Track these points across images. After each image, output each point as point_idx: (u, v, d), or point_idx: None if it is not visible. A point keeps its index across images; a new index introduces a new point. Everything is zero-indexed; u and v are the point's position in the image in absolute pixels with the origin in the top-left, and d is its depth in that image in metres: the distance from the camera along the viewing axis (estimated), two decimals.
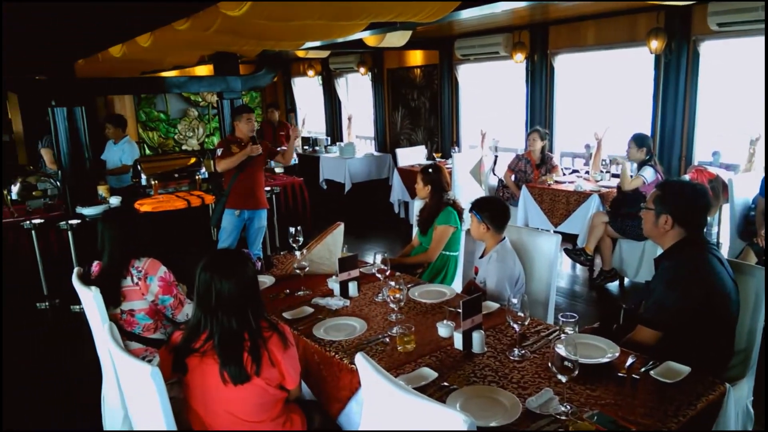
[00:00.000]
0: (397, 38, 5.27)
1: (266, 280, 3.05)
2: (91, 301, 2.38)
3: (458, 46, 7.09)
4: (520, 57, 6.45)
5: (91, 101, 8.72)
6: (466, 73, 7.49)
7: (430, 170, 3.52)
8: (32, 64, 4.94)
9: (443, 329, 2.28)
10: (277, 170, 6.82)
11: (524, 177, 5.83)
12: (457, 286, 3.48)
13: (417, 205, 3.88)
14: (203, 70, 8.72)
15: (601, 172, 5.53)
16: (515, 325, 2.09)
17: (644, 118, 5.69)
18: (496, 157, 6.67)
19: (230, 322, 1.90)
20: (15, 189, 5.14)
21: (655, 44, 5.21)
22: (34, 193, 5.19)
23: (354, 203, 8.19)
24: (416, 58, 8.18)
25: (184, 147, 10.00)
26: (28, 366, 3.97)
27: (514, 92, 7.00)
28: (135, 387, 1.94)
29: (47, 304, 4.85)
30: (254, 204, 4.79)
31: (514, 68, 6.71)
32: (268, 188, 5.86)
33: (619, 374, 1.92)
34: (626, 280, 5.00)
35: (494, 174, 6.55)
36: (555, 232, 4.94)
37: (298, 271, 2.91)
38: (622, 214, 4.70)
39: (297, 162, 7.21)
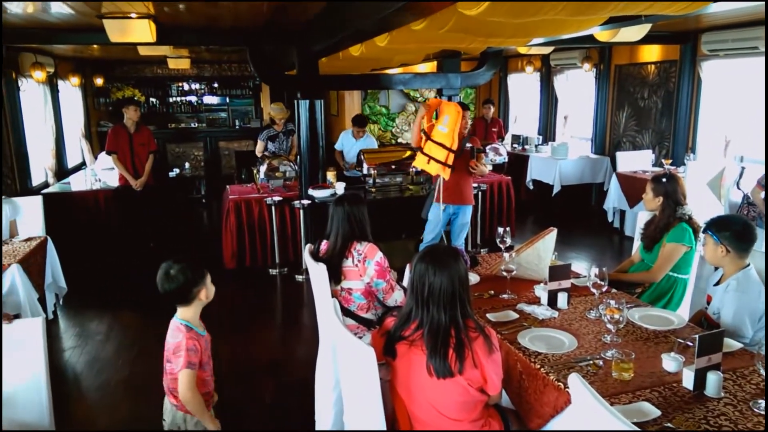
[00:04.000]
0: (633, 32, 4.79)
1: (471, 278, 3.06)
2: (319, 276, 2.66)
3: (706, 40, 6.21)
4: None
5: (326, 94, 9.73)
6: (711, 71, 6.52)
7: (664, 179, 3.15)
8: (286, 60, 5.66)
9: (670, 362, 2.02)
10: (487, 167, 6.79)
11: None
12: (683, 313, 3.07)
13: (641, 217, 3.52)
14: (424, 67, 9.06)
15: None
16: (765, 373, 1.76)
17: None
18: (743, 168, 5.69)
19: (439, 315, 1.93)
20: (263, 169, 5.98)
21: None
22: (276, 174, 5.98)
23: (562, 206, 7.79)
24: (651, 53, 7.37)
25: (399, 140, 10.59)
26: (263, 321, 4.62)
27: None
28: (349, 360, 2.11)
29: (277, 271, 5.60)
30: (459, 199, 4.80)
31: None
32: (475, 185, 5.89)
33: None
34: None
35: (738, 188, 5.61)
36: None
37: (504, 273, 2.86)
38: None
39: (506, 160, 7.07)
